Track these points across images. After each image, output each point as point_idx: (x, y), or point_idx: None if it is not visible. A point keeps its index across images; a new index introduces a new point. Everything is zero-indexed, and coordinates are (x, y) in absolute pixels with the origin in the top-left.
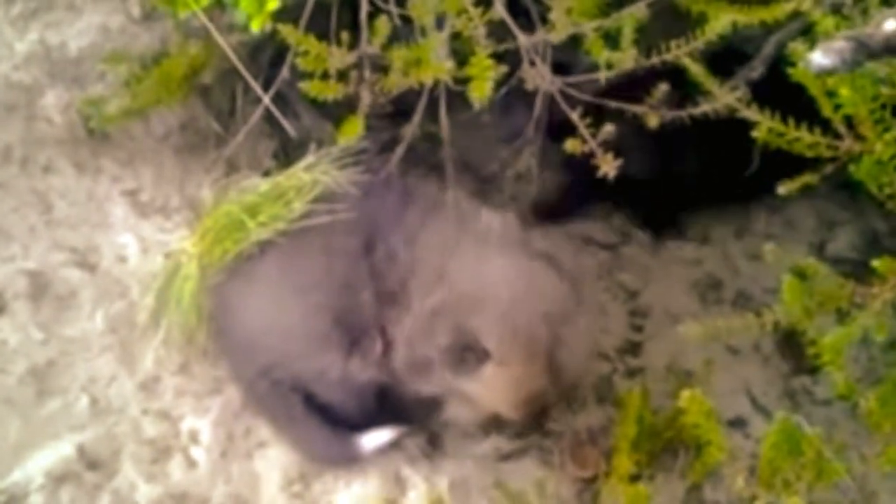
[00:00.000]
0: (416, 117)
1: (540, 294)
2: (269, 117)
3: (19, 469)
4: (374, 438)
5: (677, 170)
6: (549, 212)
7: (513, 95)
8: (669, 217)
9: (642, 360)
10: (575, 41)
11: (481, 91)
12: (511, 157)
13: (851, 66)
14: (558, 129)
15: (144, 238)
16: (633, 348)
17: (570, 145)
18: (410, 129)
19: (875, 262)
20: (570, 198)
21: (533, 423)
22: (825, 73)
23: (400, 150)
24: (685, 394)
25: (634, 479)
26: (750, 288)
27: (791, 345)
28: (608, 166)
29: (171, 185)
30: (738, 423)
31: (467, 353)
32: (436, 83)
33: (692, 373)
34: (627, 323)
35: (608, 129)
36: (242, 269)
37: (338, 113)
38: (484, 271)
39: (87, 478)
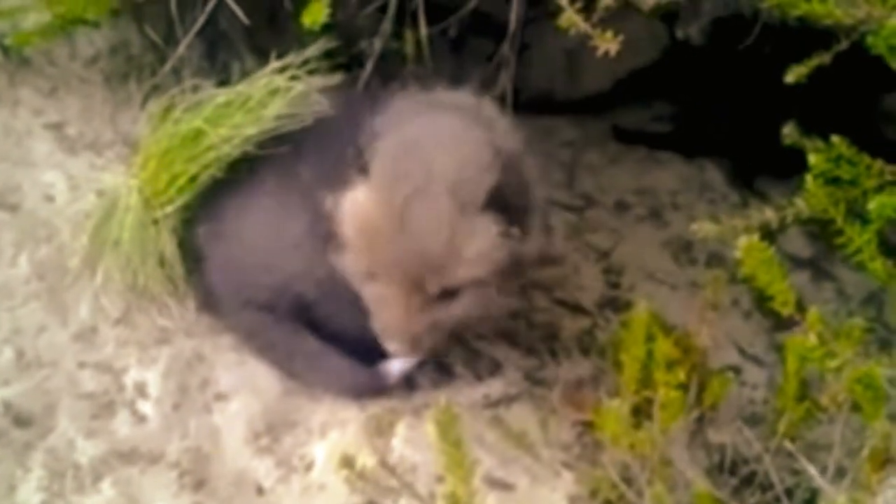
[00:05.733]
0: (385, 26)
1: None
2: (209, 54)
3: None
4: (398, 364)
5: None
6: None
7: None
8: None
9: (622, 314)
10: None
11: None
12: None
13: None
14: None
15: (73, 176)
16: (612, 302)
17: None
18: (379, 42)
19: None
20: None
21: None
22: None
23: (370, 64)
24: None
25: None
26: (721, 250)
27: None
28: (609, 44)
29: (101, 119)
30: (732, 371)
31: None
32: None
33: (676, 325)
34: (603, 280)
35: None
36: (231, 191)
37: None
38: None
39: (14, 435)
